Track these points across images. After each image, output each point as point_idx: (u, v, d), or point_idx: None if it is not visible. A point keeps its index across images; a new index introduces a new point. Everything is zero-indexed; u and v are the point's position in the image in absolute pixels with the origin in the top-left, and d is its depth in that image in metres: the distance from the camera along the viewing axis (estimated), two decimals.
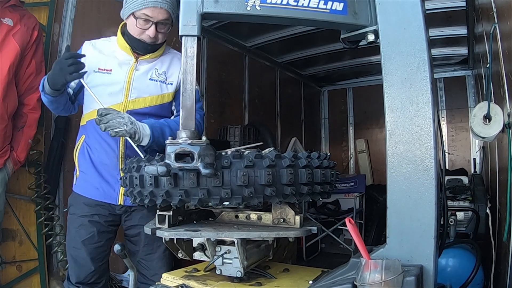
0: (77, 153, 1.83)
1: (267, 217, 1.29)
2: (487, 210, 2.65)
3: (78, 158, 1.82)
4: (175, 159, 1.06)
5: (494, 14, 1.83)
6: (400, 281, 0.91)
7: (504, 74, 1.68)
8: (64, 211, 2.08)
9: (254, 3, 1.11)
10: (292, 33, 4.11)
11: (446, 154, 5.05)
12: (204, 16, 1.13)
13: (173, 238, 1.26)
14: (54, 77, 1.58)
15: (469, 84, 5.21)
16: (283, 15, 1.13)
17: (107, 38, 1.85)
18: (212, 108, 4.13)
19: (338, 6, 1.13)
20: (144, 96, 1.77)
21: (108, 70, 1.76)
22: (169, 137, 1.13)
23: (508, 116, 1.67)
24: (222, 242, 1.27)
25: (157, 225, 1.25)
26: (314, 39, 4.35)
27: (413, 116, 1.03)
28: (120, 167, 1.72)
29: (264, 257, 1.39)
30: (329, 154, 1.28)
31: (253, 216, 1.32)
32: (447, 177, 3.31)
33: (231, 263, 1.25)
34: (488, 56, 2.13)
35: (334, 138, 6.50)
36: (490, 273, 2.16)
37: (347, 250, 4.32)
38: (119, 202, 1.76)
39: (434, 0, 3.38)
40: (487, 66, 2.16)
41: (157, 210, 1.25)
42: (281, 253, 3.35)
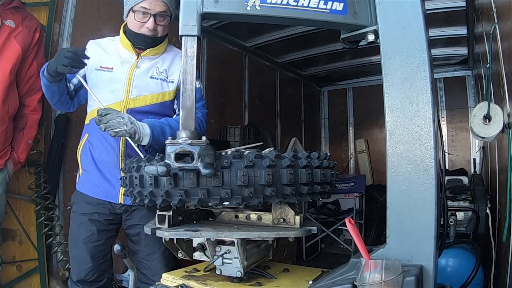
0: (80, 152, 1.83)
1: (267, 217, 1.29)
2: (487, 210, 2.65)
3: (81, 157, 1.83)
4: (175, 159, 1.06)
5: (494, 14, 1.83)
6: (400, 281, 0.91)
7: (504, 74, 1.68)
8: (67, 209, 2.08)
9: (254, 3, 1.11)
10: (292, 33, 4.11)
11: (446, 154, 5.05)
12: (204, 16, 1.13)
13: (173, 238, 1.26)
14: (51, 62, 1.62)
15: (469, 84, 5.21)
16: (283, 15, 1.14)
17: (111, 37, 1.87)
18: (212, 108, 4.12)
19: (338, 6, 1.13)
20: (145, 94, 1.77)
21: (110, 68, 1.77)
22: (169, 137, 1.13)
23: (508, 116, 1.67)
24: (222, 242, 1.27)
25: (157, 225, 1.24)
26: (314, 39, 4.35)
27: (413, 116, 1.03)
28: (121, 166, 1.72)
29: (264, 257, 1.39)
30: (329, 154, 1.28)
31: (253, 216, 1.32)
32: (447, 177, 3.31)
33: (231, 263, 1.25)
34: (488, 56, 2.13)
35: (334, 138, 6.50)
36: (490, 273, 2.16)
37: (347, 250, 4.32)
38: (119, 201, 1.76)
39: (434, 0, 3.38)
40: (487, 66, 2.16)
41: (157, 210, 1.25)
42: (281, 253, 3.35)
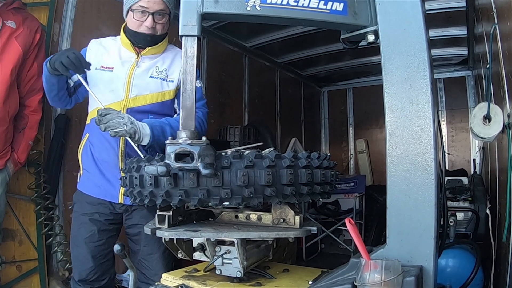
0: (81, 151, 1.84)
1: (267, 217, 1.29)
2: (487, 211, 2.65)
3: (81, 156, 1.84)
4: (175, 159, 1.06)
5: (494, 14, 1.83)
6: (400, 282, 0.91)
7: (504, 75, 1.68)
8: (69, 208, 2.09)
9: (254, 3, 1.11)
10: (292, 33, 4.12)
11: (446, 155, 5.05)
12: (204, 16, 1.13)
13: (173, 238, 1.26)
14: (54, 55, 1.63)
15: (469, 84, 5.22)
16: (283, 15, 1.14)
17: (113, 37, 1.87)
18: (212, 108, 4.11)
19: (338, 7, 1.13)
20: (145, 93, 1.77)
21: (110, 67, 1.77)
22: (169, 137, 1.13)
23: (508, 116, 1.67)
24: (222, 242, 1.27)
25: (157, 225, 1.24)
26: (314, 39, 4.36)
27: (413, 116, 1.03)
28: (121, 166, 1.72)
29: (264, 257, 1.39)
30: (329, 155, 1.28)
31: (253, 216, 1.32)
32: (447, 178, 3.31)
33: (231, 263, 1.25)
34: (488, 56, 2.13)
35: (334, 139, 6.50)
36: (490, 273, 2.16)
37: (347, 251, 4.32)
38: (120, 200, 1.76)
39: (434, 1, 3.38)
40: (487, 66, 2.16)
41: (157, 210, 1.25)
42: (281, 253, 3.35)
